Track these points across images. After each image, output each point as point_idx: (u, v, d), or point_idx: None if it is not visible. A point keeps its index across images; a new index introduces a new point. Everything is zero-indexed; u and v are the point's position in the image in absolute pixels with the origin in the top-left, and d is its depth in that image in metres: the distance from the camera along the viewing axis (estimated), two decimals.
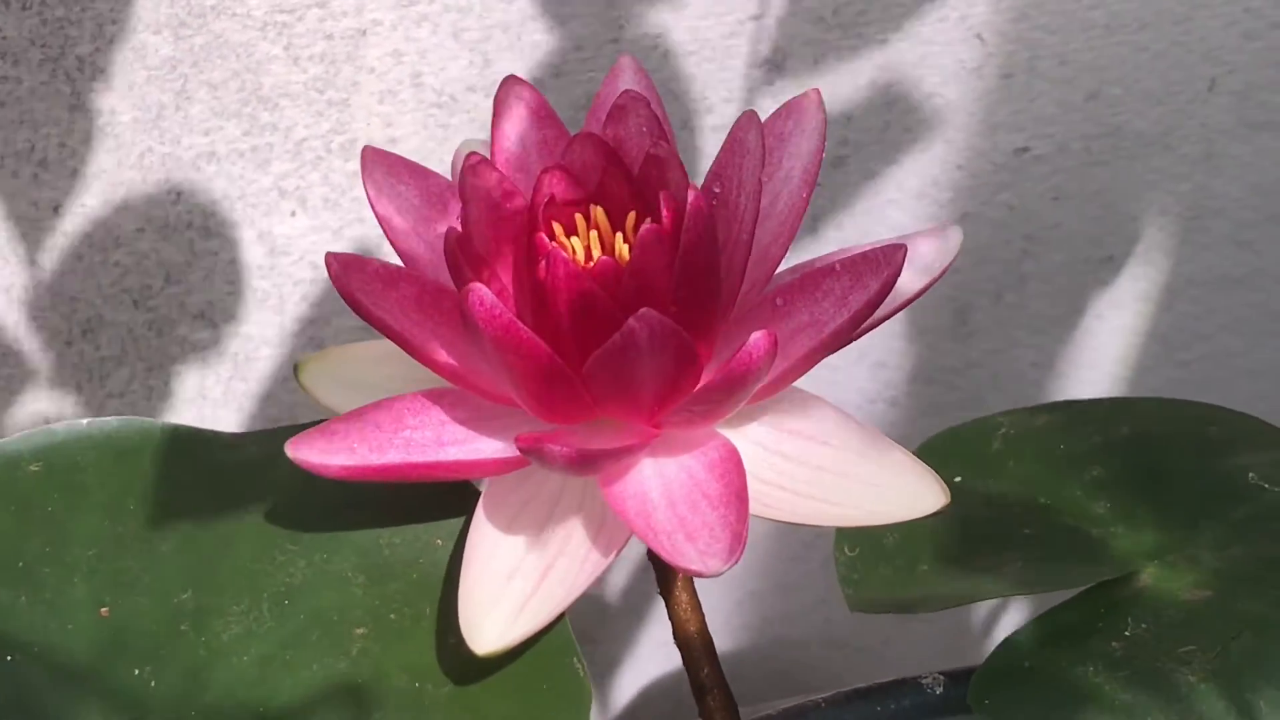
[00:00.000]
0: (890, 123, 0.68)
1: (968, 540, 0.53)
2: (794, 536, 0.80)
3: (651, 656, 0.81)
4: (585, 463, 0.45)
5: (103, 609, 0.49)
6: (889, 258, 0.46)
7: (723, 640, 0.82)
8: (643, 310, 0.44)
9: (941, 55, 0.67)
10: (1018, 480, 0.55)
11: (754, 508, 0.47)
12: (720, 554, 0.45)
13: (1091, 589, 0.52)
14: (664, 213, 0.46)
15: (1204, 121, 0.70)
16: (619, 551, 0.47)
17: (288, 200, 0.63)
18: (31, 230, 0.61)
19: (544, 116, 0.50)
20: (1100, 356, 0.77)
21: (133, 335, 0.65)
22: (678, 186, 0.46)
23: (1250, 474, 0.54)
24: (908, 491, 0.47)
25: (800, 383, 0.48)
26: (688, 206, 0.45)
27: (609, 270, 0.46)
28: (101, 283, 0.63)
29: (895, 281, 0.46)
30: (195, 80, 0.60)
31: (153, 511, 0.50)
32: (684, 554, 0.45)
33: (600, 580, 0.61)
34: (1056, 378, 0.77)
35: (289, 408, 0.67)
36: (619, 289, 0.45)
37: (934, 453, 0.57)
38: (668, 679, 0.81)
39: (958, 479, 0.56)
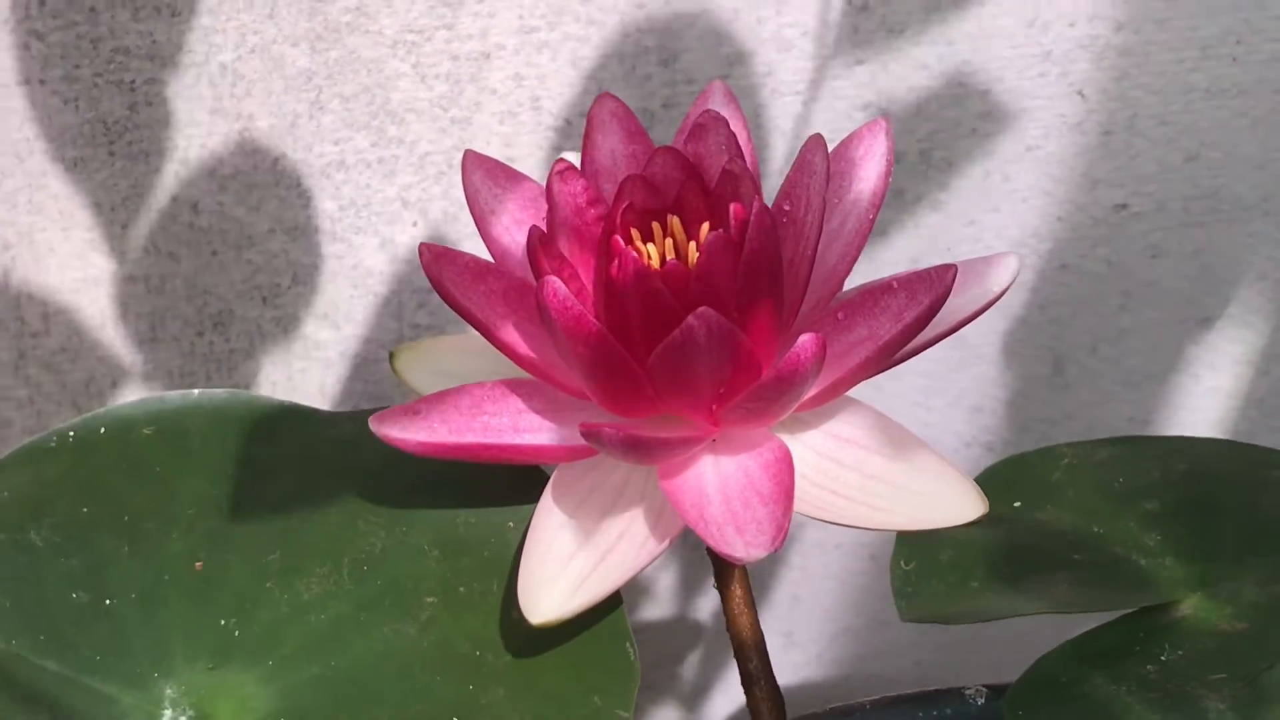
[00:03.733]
0: (990, 171, 0.70)
1: (1019, 561, 0.56)
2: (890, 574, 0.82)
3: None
4: (637, 448, 0.48)
5: (197, 563, 0.52)
6: (940, 276, 0.49)
7: (814, 671, 0.85)
8: (702, 309, 0.47)
9: (1042, 109, 0.69)
10: (1075, 509, 0.58)
11: (805, 509, 0.50)
12: (764, 544, 0.47)
13: (1133, 614, 0.54)
14: (732, 223, 0.49)
15: None
16: (673, 540, 0.50)
17: (410, 211, 0.67)
18: (172, 225, 0.66)
19: (634, 132, 0.53)
20: (1195, 417, 0.79)
21: (260, 331, 0.69)
22: (748, 199, 0.50)
23: None
24: (951, 500, 0.50)
25: (895, 417, 0.50)
26: (752, 217, 0.48)
27: (677, 273, 0.49)
28: (234, 278, 0.67)
29: (945, 298, 0.49)
30: (329, 92, 0.64)
31: (250, 477, 0.54)
32: (731, 544, 0.48)
33: (655, 563, 0.63)
34: (1152, 433, 0.79)
35: None
36: (686, 291, 0.49)
37: (998, 478, 0.60)
38: None
39: (1017, 504, 0.58)
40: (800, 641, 0.83)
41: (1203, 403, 0.78)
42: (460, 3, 0.64)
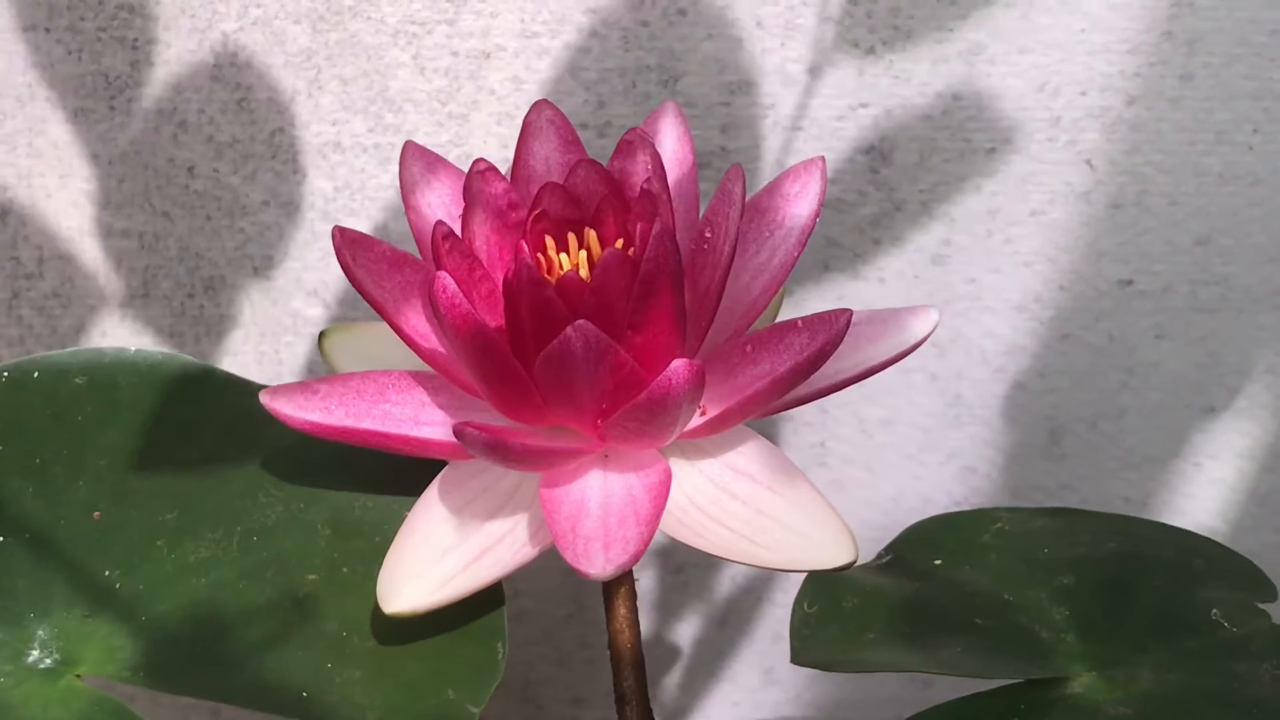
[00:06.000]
0: (993, 231, 0.70)
1: (921, 618, 0.55)
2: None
3: (721, 714, 0.83)
4: (501, 452, 0.48)
5: (96, 513, 0.53)
6: (835, 319, 0.49)
7: (792, 711, 0.84)
8: (580, 321, 0.47)
9: (1049, 175, 0.68)
10: (992, 573, 0.57)
11: (686, 536, 0.50)
12: (620, 563, 0.48)
13: (1021, 685, 0.53)
14: (637, 241, 0.49)
15: None
16: (545, 549, 0.50)
17: None
18: (168, 185, 0.67)
19: (570, 141, 0.53)
20: (1195, 506, 0.77)
21: (250, 300, 0.70)
22: (659, 220, 0.50)
23: (1214, 610, 0.55)
24: (826, 545, 0.50)
25: (885, 467, 0.49)
26: (651, 238, 0.48)
27: (572, 284, 0.49)
28: (226, 245, 0.68)
29: (839, 340, 0.49)
30: (328, 73, 0.65)
31: (166, 437, 0.55)
32: (592, 560, 0.48)
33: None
34: (1149, 516, 0.77)
35: None
36: (579, 303, 0.49)
37: (925, 534, 0.59)
38: None
39: (937, 562, 0.58)
40: (779, 680, 0.83)
41: (1203, 491, 0.77)
42: (463, 0, 0.64)
